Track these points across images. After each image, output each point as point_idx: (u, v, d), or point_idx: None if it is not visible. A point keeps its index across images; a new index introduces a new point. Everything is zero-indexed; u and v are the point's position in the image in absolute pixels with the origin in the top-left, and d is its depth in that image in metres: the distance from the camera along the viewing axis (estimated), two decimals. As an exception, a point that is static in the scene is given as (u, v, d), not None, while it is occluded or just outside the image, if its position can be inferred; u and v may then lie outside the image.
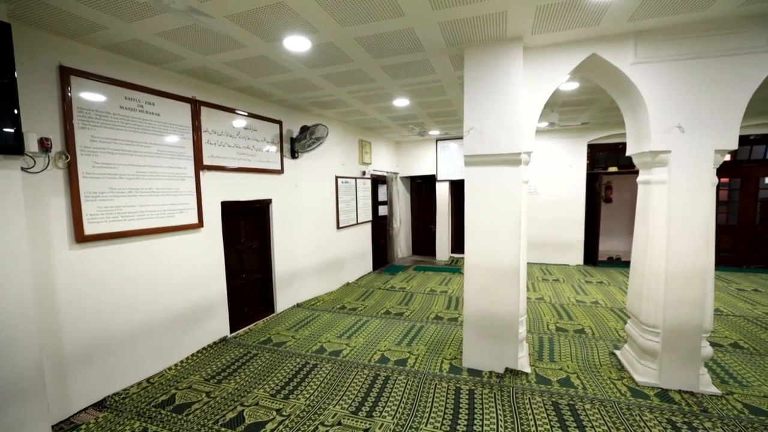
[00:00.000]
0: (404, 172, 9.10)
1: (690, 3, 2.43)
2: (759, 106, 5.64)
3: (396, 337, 4.17)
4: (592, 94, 4.82)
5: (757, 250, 7.34)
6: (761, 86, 2.71)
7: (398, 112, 5.63)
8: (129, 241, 3.18)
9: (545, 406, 2.81)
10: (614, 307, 5.08)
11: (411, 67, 3.57)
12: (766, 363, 3.43)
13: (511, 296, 3.15)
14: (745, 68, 2.66)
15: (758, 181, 7.29)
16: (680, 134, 2.78)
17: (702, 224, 2.82)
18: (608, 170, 7.80)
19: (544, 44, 3.02)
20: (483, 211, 3.16)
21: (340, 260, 6.50)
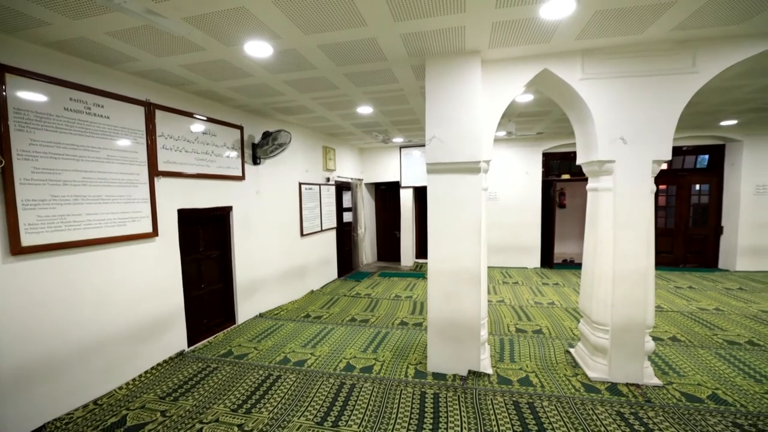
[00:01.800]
0: (369, 178, 9.14)
1: (628, 26, 2.66)
2: (688, 120, 6.21)
3: (361, 345, 4.16)
4: (545, 106, 5.10)
5: (691, 251, 8.03)
6: (689, 103, 3.00)
7: (362, 119, 5.67)
8: (75, 252, 2.97)
9: (506, 406, 2.90)
10: (569, 307, 5.36)
11: (374, 75, 3.62)
12: (700, 354, 3.75)
13: (473, 300, 3.25)
14: (676, 87, 2.94)
15: (690, 188, 8.01)
16: (623, 145, 3.01)
17: (644, 228, 3.06)
18: (561, 177, 8.27)
19: (501, 58, 3.17)
20: (445, 217, 3.25)
21: (305, 268, 6.40)
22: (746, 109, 5.57)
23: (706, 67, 2.89)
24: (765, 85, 4.36)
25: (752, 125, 6.93)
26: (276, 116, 5.37)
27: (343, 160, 8.02)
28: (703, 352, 3.81)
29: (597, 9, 2.40)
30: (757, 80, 4.18)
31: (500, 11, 2.40)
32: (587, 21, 2.56)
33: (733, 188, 7.53)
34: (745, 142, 7.23)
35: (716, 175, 7.82)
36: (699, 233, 7.98)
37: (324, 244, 7.13)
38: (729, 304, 5.37)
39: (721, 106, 5.36)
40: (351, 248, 8.57)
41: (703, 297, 5.76)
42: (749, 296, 5.76)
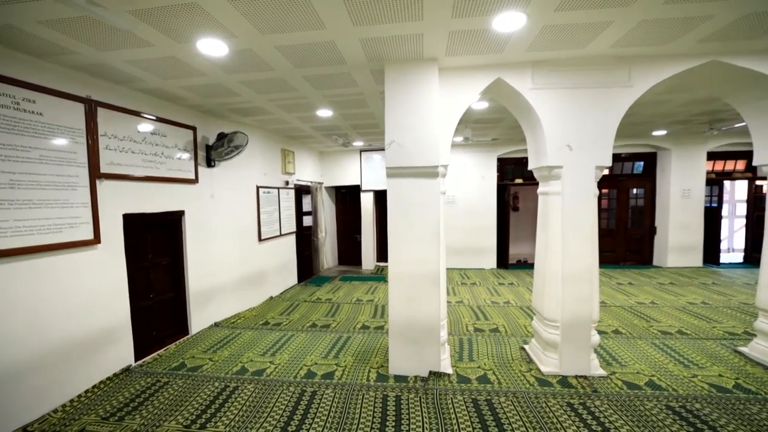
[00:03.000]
0: (329, 182, 9.07)
1: (572, 42, 2.85)
2: (626, 130, 6.76)
3: (323, 350, 4.10)
4: (500, 113, 5.33)
5: (630, 250, 8.71)
6: (626, 114, 3.26)
7: (322, 122, 5.62)
8: (2, 262, 2.68)
9: (466, 404, 2.98)
10: (523, 306, 5.61)
11: (333, 78, 3.60)
12: (638, 344, 4.07)
13: (433, 302, 3.31)
14: (614, 99, 3.19)
15: (629, 191, 8.70)
16: (569, 152, 3.22)
17: (589, 229, 3.28)
18: (515, 182, 8.67)
19: (458, 66, 3.28)
20: (405, 220, 3.29)
21: (263, 274, 6.21)
22: (673, 121, 6.15)
23: (640, 82, 3.16)
24: (687, 100, 4.85)
25: (678, 135, 7.66)
26: (232, 117, 5.19)
27: (303, 163, 7.89)
28: (641, 342, 4.13)
29: (545, 24, 2.56)
30: (681, 96, 4.64)
31: (456, 21, 2.48)
32: (536, 35, 2.71)
33: (663, 192, 8.27)
34: (673, 151, 7.99)
35: (650, 180, 8.55)
36: (636, 233, 8.68)
37: (283, 248, 6.97)
38: (662, 298, 5.87)
39: (653, 118, 5.89)
40: (311, 253, 8.43)
41: (641, 292, 6.26)
42: (679, 290, 6.34)
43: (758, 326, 3.72)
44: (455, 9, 2.32)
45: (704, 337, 4.28)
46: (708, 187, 8.29)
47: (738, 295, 5.93)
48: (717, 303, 5.58)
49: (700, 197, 8.04)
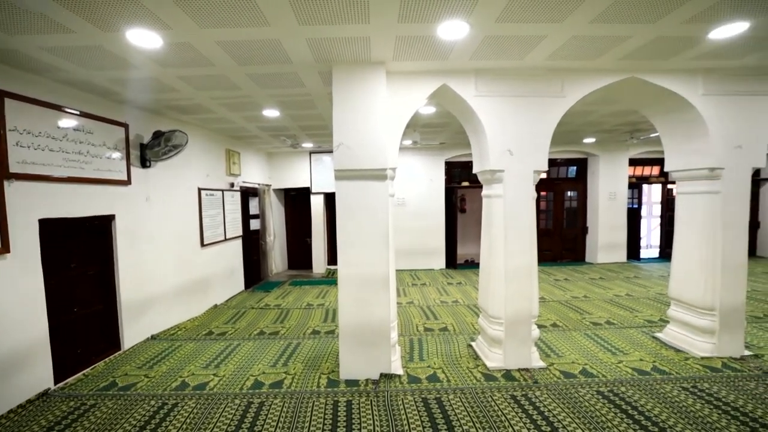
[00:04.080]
0: (277, 184, 8.81)
1: (511, 52, 3.01)
2: (560, 137, 7.29)
3: (271, 359, 3.95)
4: (446, 118, 5.51)
5: (566, 248, 9.39)
6: (560, 122, 3.52)
7: (269, 122, 5.44)
8: None
9: (416, 404, 3.02)
10: (470, 304, 5.83)
11: (280, 78, 3.50)
12: (573, 336, 4.39)
13: (383, 304, 3.33)
14: (550, 108, 3.42)
15: (564, 194, 9.38)
16: (510, 157, 3.40)
17: (528, 230, 3.48)
18: (462, 184, 9.00)
19: (405, 71, 3.33)
20: (353, 223, 3.28)
21: (206, 280, 5.87)
22: (600, 129, 6.74)
23: (571, 93, 3.43)
24: (612, 111, 5.34)
25: (605, 143, 8.41)
26: (170, 115, 4.86)
27: (249, 164, 7.59)
28: (576, 334, 4.46)
29: (486, 34, 2.68)
30: (607, 107, 5.10)
31: (403, 26, 2.52)
32: (479, 44, 2.84)
33: (593, 194, 9.02)
34: (601, 157, 8.75)
35: (582, 183, 9.29)
36: (571, 233, 9.38)
37: (229, 253, 6.64)
38: (593, 292, 6.39)
39: (583, 126, 6.41)
40: (259, 257, 8.13)
41: (575, 287, 6.77)
42: (607, 284, 6.95)
43: (671, 314, 4.17)
44: (401, 14, 2.36)
45: (628, 325, 4.71)
46: (630, 190, 9.18)
47: (655, 287, 6.62)
48: (638, 294, 6.18)
49: (623, 199, 8.88)
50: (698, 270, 3.79)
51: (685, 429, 2.63)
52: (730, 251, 3.67)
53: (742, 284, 3.72)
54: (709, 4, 2.33)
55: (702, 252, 3.76)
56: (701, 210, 3.76)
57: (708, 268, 3.72)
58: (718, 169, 3.61)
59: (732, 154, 3.60)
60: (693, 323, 3.87)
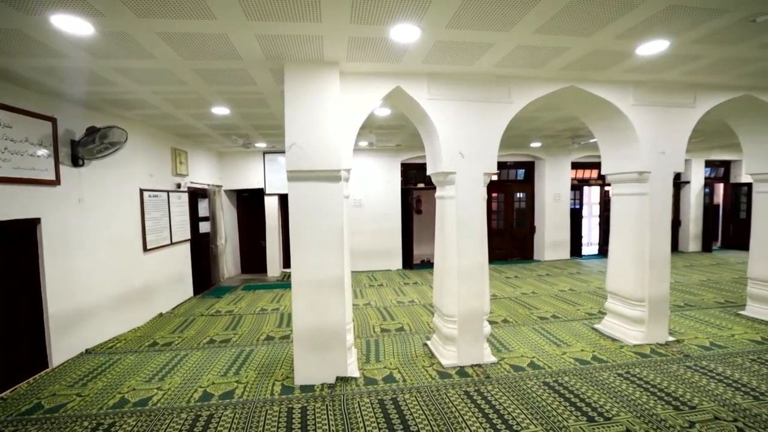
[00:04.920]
0: (229, 185, 8.45)
1: (461, 58, 3.11)
2: (509, 141, 7.65)
3: (222, 368, 3.77)
4: (402, 120, 5.57)
5: (516, 247, 9.85)
6: (508, 127, 3.68)
7: (218, 120, 5.21)
8: None
9: (372, 406, 3.01)
10: (426, 304, 5.93)
11: (229, 74, 3.36)
12: (522, 331, 4.61)
13: (338, 306, 3.29)
14: (498, 113, 3.57)
15: (513, 195, 9.84)
16: (462, 159, 3.50)
17: (479, 230, 3.61)
18: (418, 186, 9.15)
19: (359, 72, 3.32)
20: (307, 225, 3.22)
21: (150, 288, 5.49)
22: (545, 135, 7.15)
23: (518, 99, 3.60)
24: (555, 117, 5.69)
25: (550, 147, 8.94)
26: (107, 110, 4.50)
27: (198, 164, 7.22)
28: (525, 328, 4.69)
29: (437, 39, 2.74)
30: (550, 114, 5.42)
31: (355, 27, 2.51)
32: (430, 48, 2.90)
33: (540, 196, 9.55)
34: (547, 160, 9.29)
35: (530, 185, 9.80)
36: (521, 232, 9.86)
37: (175, 258, 6.26)
38: (541, 288, 6.76)
39: (529, 131, 6.76)
40: (209, 261, 7.74)
41: (524, 284, 7.11)
42: (553, 280, 7.37)
43: (607, 306, 4.51)
44: (353, 15, 2.35)
45: (571, 319, 5.03)
46: (572, 191, 9.82)
47: (595, 282, 7.13)
48: (580, 289, 6.62)
49: (567, 200, 9.49)
50: (630, 265, 4.13)
51: (620, 412, 2.85)
52: (657, 247, 4.03)
53: (666, 277, 4.10)
54: (636, 22, 2.55)
55: (633, 248, 4.10)
56: (632, 210, 4.10)
57: (638, 263, 4.06)
58: (646, 173, 3.96)
59: (657, 160, 3.96)
60: (626, 314, 4.21)
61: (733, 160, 10.65)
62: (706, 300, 5.78)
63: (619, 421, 2.74)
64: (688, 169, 10.18)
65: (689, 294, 6.12)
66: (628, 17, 2.48)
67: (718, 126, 6.08)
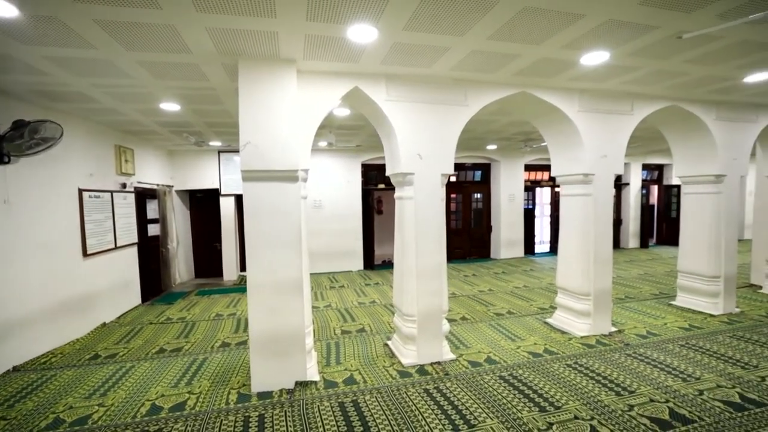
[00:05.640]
0: (181, 185, 8.02)
1: (419, 60, 3.16)
2: (466, 143, 7.88)
3: (172, 379, 3.56)
4: (361, 121, 5.56)
5: (473, 246, 10.16)
6: (465, 129, 3.79)
7: (168, 117, 4.93)
8: None
9: (333, 409, 2.98)
10: (387, 304, 5.96)
11: (178, 68, 3.19)
12: (480, 327, 4.76)
13: (296, 309, 3.22)
14: (455, 115, 3.66)
15: (471, 196, 10.15)
16: (420, 160, 3.55)
17: (437, 230, 3.68)
18: (378, 186, 9.18)
19: (317, 71, 3.28)
20: (263, 226, 3.12)
21: (91, 296, 5.08)
22: (500, 137, 7.44)
23: (473, 103, 3.71)
24: (509, 121, 5.93)
25: (505, 150, 9.31)
26: (39, 102, 4.11)
27: (146, 163, 6.79)
28: (482, 325, 4.84)
29: (395, 41, 2.76)
30: (504, 117, 5.64)
31: (312, 25, 2.47)
32: (388, 50, 2.91)
33: (496, 196, 9.92)
34: (502, 162, 9.67)
35: (486, 186, 10.15)
36: (478, 232, 10.18)
37: (120, 263, 5.84)
38: (497, 285, 7.01)
39: (485, 134, 7.00)
40: (160, 266, 7.31)
41: (482, 282, 7.35)
42: (508, 277, 7.68)
43: (558, 301, 4.76)
44: (309, 12, 2.31)
45: (525, 314, 5.26)
46: (526, 192, 10.30)
47: (547, 278, 7.51)
48: (533, 285, 6.95)
49: (521, 201, 9.92)
50: (577, 261, 4.39)
51: (568, 401, 3.01)
52: (600, 245, 4.31)
53: (609, 272, 4.40)
54: (579, 34, 2.71)
55: (580, 246, 4.36)
56: (578, 210, 4.36)
57: (585, 260, 4.33)
58: (591, 175, 4.22)
59: (600, 163, 4.24)
60: (574, 308, 4.47)
61: (666, 164, 11.65)
62: (643, 292, 6.27)
63: (568, 409, 2.90)
64: (627, 171, 11.00)
65: (629, 287, 6.62)
66: (573, 29, 2.63)
67: (652, 132, 6.63)
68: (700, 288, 5.16)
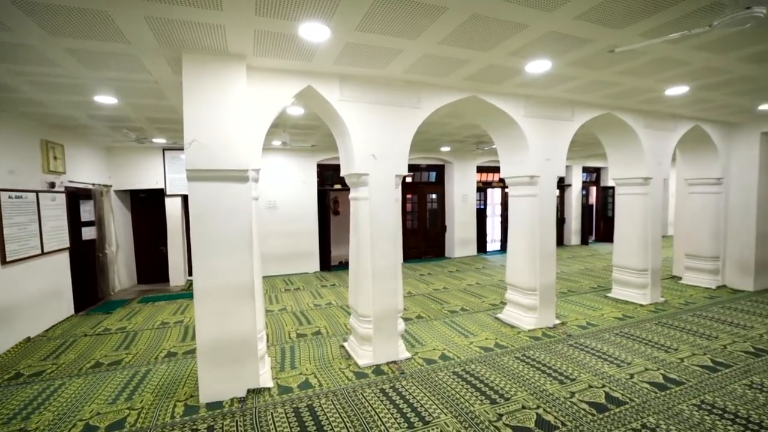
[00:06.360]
0: (121, 184, 7.45)
1: (372, 62, 3.17)
2: (421, 145, 8.03)
3: (110, 394, 3.30)
4: (316, 120, 5.48)
5: (429, 245, 10.38)
6: (420, 131, 3.85)
7: (104, 110, 4.56)
8: None
9: (287, 416, 2.90)
10: (344, 305, 5.92)
11: (114, 59, 2.95)
12: (435, 325, 4.86)
13: (248, 314, 3.10)
14: (409, 117, 3.72)
15: (426, 196, 10.36)
16: (374, 161, 3.57)
17: (392, 230, 3.71)
18: (335, 187, 9.10)
19: (269, 68, 3.18)
20: (210, 229, 2.97)
21: (13, 308, 4.56)
22: (453, 140, 7.66)
23: (426, 105, 3.79)
24: (461, 124, 6.12)
25: (458, 152, 9.61)
26: (-57, 91, 3.63)
27: (79, 160, 6.22)
28: (437, 323, 4.95)
29: (348, 41, 2.75)
30: (457, 120, 5.81)
31: (261, 20, 2.40)
32: (341, 50, 2.89)
33: (450, 197, 10.20)
34: (455, 164, 9.96)
35: (441, 187, 10.41)
36: (434, 231, 10.41)
37: (49, 270, 5.31)
38: (451, 283, 7.21)
39: (439, 136, 7.18)
40: (96, 273, 6.73)
41: (437, 280, 7.52)
42: (462, 275, 7.93)
43: (507, 297, 4.99)
44: (258, 7, 2.24)
45: (477, 310, 5.46)
46: (478, 193, 10.69)
47: (498, 275, 7.84)
48: (485, 282, 7.23)
49: (473, 201, 10.28)
50: (525, 258, 4.63)
51: (517, 392, 3.16)
52: (545, 242, 4.58)
53: (553, 268, 4.68)
54: (524, 43, 2.86)
55: (527, 243, 4.60)
56: (525, 209, 4.60)
57: (531, 256, 4.57)
58: (536, 177, 4.47)
59: (544, 165, 4.50)
60: (522, 302, 4.70)
61: (603, 167, 12.61)
62: (583, 286, 6.74)
63: (516, 399, 3.05)
64: (569, 174, 11.77)
65: (571, 282, 7.08)
66: (518, 37, 2.77)
67: (590, 138, 7.14)
68: (632, 280, 5.64)
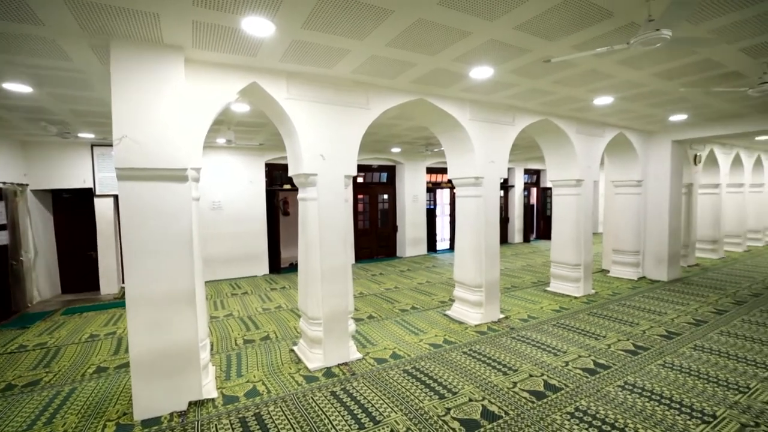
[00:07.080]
0: (40, 183, 6.68)
1: (320, 61, 3.13)
2: (371, 145, 8.07)
3: (25, 419, 2.94)
4: (263, 118, 5.29)
5: (381, 245, 10.45)
6: (369, 132, 3.87)
7: (16, 100, 4.06)
8: None
9: (232, 426, 2.77)
10: (294, 308, 5.78)
11: (25, 42, 2.63)
12: (386, 324, 4.91)
13: (188, 322, 2.92)
14: (357, 117, 3.72)
15: (378, 197, 10.42)
16: (323, 161, 3.52)
17: (342, 231, 3.69)
18: (284, 187, 8.86)
19: (211, 61, 3.02)
20: (144, 231, 2.75)
21: None
22: (402, 141, 7.78)
23: (375, 106, 3.81)
24: (410, 126, 6.24)
25: (408, 153, 9.77)
26: None
27: (-14, 156, 5.49)
28: (388, 322, 4.99)
29: (294, 38, 2.69)
30: (406, 122, 5.92)
31: (199, 10, 2.27)
32: (287, 47, 2.82)
33: (401, 197, 10.35)
34: (406, 165, 10.13)
35: (392, 187, 10.53)
36: (385, 231, 10.50)
37: (-55, 283, 4.62)
38: (402, 282, 7.32)
39: (389, 137, 7.26)
40: (9, 283, 5.98)
41: (388, 280, 7.60)
42: (413, 274, 8.07)
43: (455, 294, 5.16)
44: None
45: (427, 308, 5.58)
46: (428, 193, 10.95)
47: (447, 273, 8.08)
48: (435, 281, 7.42)
49: (423, 201, 10.52)
50: (471, 256, 4.81)
51: (464, 385, 3.28)
52: (490, 240, 4.80)
53: (497, 265, 4.92)
54: (467, 49, 2.97)
55: (473, 242, 4.79)
56: (471, 209, 4.79)
57: (477, 254, 4.76)
58: (481, 178, 4.67)
59: (489, 167, 4.72)
60: (469, 299, 4.89)
61: (542, 169, 13.48)
62: (525, 281, 7.16)
63: (464, 393, 3.16)
64: (512, 175, 12.44)
65: (514, 277, 7.49)
66: (462, 44, 2.87)
67: (530, 141, 7.60)
68: (567, 275, 6.09)
